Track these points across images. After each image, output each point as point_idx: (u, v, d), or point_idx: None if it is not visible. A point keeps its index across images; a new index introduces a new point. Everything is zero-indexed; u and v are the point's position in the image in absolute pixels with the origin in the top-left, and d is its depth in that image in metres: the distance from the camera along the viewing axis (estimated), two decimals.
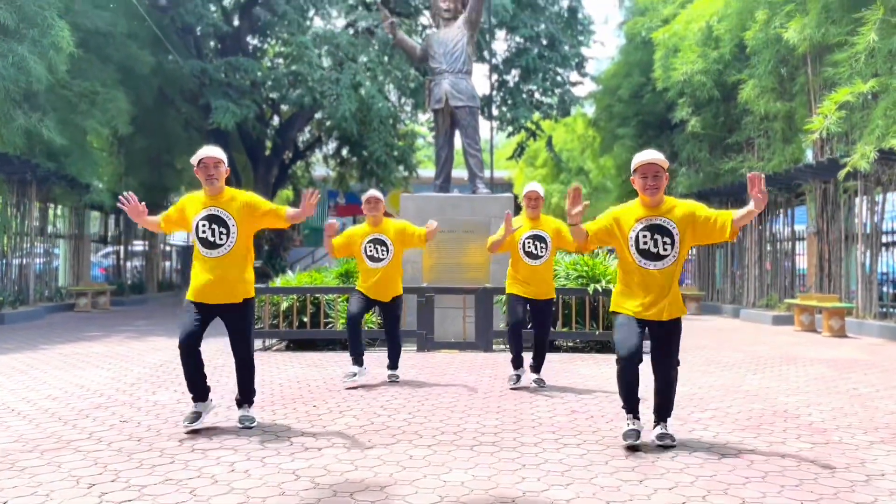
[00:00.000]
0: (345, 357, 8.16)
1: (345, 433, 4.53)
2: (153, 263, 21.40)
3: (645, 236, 4.22)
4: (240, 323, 4.62)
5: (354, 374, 6.28)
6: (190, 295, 4.56)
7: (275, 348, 9.09)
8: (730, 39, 13.24)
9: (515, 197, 13.43)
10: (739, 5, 12.76)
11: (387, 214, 6.75)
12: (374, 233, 6.31)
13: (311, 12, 18.57)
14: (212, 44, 20.84)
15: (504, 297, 9.19)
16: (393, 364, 6.62)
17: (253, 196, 4.71)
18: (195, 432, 4.49)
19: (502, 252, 6.26)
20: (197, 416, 4.55)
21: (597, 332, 8.66)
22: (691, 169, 16.34)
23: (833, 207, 12.89)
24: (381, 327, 9.01)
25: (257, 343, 8.99)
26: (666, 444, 4.22)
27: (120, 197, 4.62)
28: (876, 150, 9.57)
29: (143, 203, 4.63)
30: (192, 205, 4.63)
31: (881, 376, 7.08)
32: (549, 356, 8.37)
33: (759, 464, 3.92)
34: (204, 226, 4.51)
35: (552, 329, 8.75)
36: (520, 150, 23.28)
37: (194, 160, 4.50)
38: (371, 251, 6.26)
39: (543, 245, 6.09)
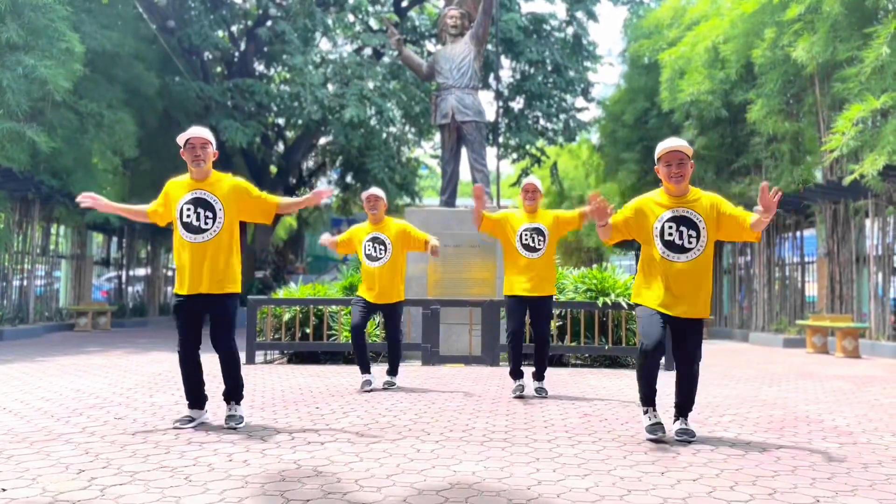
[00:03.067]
0: (348, 370, 7.99)
1: (348, 430, 4.33)
2: (155, 287, 21.25)
3: (671, 227, 4.06)
4: (223, 315, 4.32)
5: (370, 382, 6.16)
6: (177, 287, 4.32)
7: (277, 362, 8.88)
8: (736, 60, 13.21)
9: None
10: (746, 26, 12.76)
11: None
12: (374, 231, 6.19)
13: (318, 36, 18.67)
14: (218, 69, 20.96)
15: None
16: (392, 369, 6.42)
17: (243, 181, 4.48)
18: (193, 429, 4.30)
19: (488, 234, 6.04)
20: (189, 420, 4.35)
21: (606, 347, 8.44)
22: None
23: (843, 229, 12.73)
24: (385, 340, 8.87)
25: (259, 356, 8.80)
26: (685, 440, 4.07)
27: (80, 198, 4.38)
28: (884, 163, 9.44)
29: (107, 200, 4.45)
30: (175, 189, 4.37)
31: None
32: (557, 370, 8.20)
33: (787, 459, 3.71)
34: (188, 210, 4.26)
35: (561, 343, 8.61)
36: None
37: (180, 140, 4.28)
38: (369, 250, 6.13)
39: (541, 238, 5.79)
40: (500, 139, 21.04)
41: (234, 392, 4.44)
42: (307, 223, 28.85)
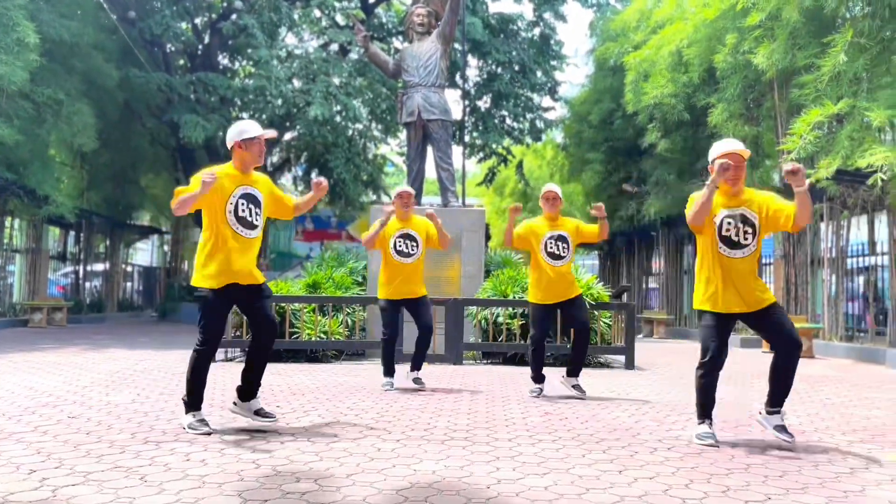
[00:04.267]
0: (310, 368, 7.97)
1: (309, 429, 4.31)
2: (114, 283, 20.83)
3: (729, 223, 4.11)
4: (268, 302, 4.37)
5: (392, 383, 6.24)
6: (221, 278, 4.16)
7: (237, 360, 8.77)
8: (699, 64, 13.42)
9: (487, 226, 13.45)
10: (709, 31, 12.96)
11: (352, 239, 6.63)
12: (404, 228, 6.17)
13: (284, 31, 18.47)
14: (181, 61, 20.61)
15: (475, 311, 9.11)
16: (417, 365, 6.33)
17: (269, 180, 4.56)
18: (150, 428, 4.23)
19: (520, 249, 6.18)
20: (205, 423, 4.16)
21: (568, 346, 8.49)
22: (660, 193, 16.46)
23: (799, 232, 13.03)
24: (349, 338, 8.88)
25: (219, 353, 8.69)
26: (785, 440, 4.08)
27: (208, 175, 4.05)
28: (837, 167, 9.68)
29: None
30: (226, 180, 4.21)
31: (852, 389, 7.05)
32: (521, 369, 8.26)
33: (741, 457, 3.80)
34: (242, 204, 4.22)
35: (524, 342, 8.67)
36: (490, 175, 23.30)
37: (247, 134, 4.23)
38: (401, 246, 6.11)
39: (565, 245, 5.89)
40: (467, 138, 21.09)
41: (258, 386, 4.38)
42: (269, 219, 28.50)
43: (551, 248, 5.85)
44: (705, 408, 4.20)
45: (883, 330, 11.53)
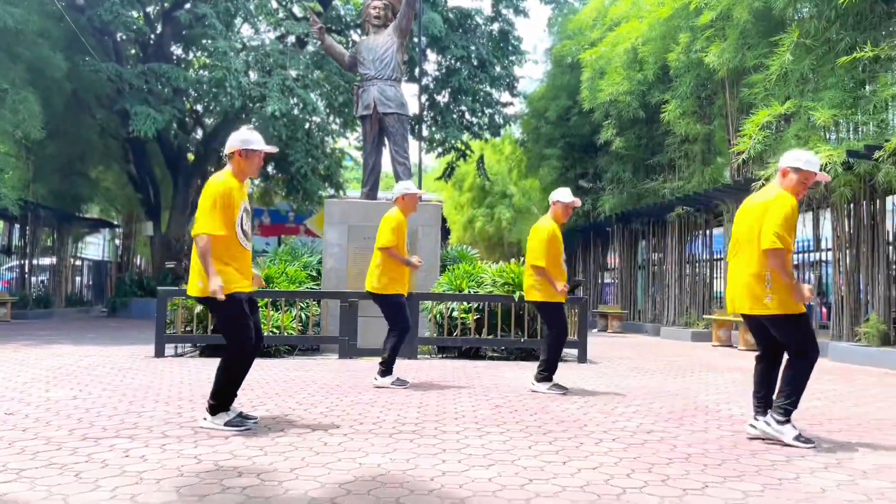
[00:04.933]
0: (262, 363, 7.86)
1: (256, 423, 4.25)
2: (62, 277, 20.26)
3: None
4: (259, 315, 4.48)
5: (403, 380, 6.16)
6: (238, 286, 4.11)
7: (188, 355, 8.62)
8: (654, 62, 13.62)
9: (445, 220, 13.52)
10: (663, 29, 13.16)
11: (310, 234, 6.62)
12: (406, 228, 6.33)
13: (239, 22, 18.17)
14: (133, 51, 20.12)
15: (430, 305, 9.12)
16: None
17: None
18: (90, 424, 4.12)
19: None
20: (243, 417, 4.18)
21: (521, 340, 8.58)
22: (615, 189, 16.68)
23: None
24: (302, 333, 8.80)
25: (169, 349, 8.54)
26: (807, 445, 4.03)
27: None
28: None
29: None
30: (236, 192, 4.15)
31: None
32: (475, 363, 8.31)
33: (682, 447, 3.87)
34: (246, 216, 4.23)
35: (478, 336, 8.73)
36: (449, 170, 23.28)
37: (251, 145, 4.17)
38: (409, 245, 6.26)
39: None
40: (425, 133, 21.05)
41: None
42: None
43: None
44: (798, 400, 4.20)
45: (826, 323, 11.88)
